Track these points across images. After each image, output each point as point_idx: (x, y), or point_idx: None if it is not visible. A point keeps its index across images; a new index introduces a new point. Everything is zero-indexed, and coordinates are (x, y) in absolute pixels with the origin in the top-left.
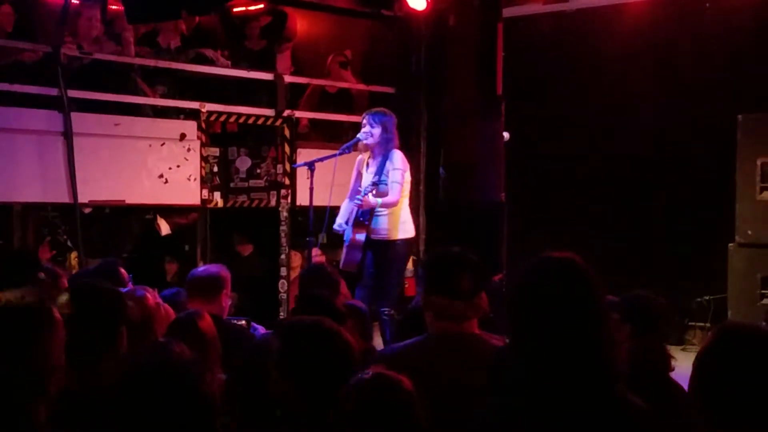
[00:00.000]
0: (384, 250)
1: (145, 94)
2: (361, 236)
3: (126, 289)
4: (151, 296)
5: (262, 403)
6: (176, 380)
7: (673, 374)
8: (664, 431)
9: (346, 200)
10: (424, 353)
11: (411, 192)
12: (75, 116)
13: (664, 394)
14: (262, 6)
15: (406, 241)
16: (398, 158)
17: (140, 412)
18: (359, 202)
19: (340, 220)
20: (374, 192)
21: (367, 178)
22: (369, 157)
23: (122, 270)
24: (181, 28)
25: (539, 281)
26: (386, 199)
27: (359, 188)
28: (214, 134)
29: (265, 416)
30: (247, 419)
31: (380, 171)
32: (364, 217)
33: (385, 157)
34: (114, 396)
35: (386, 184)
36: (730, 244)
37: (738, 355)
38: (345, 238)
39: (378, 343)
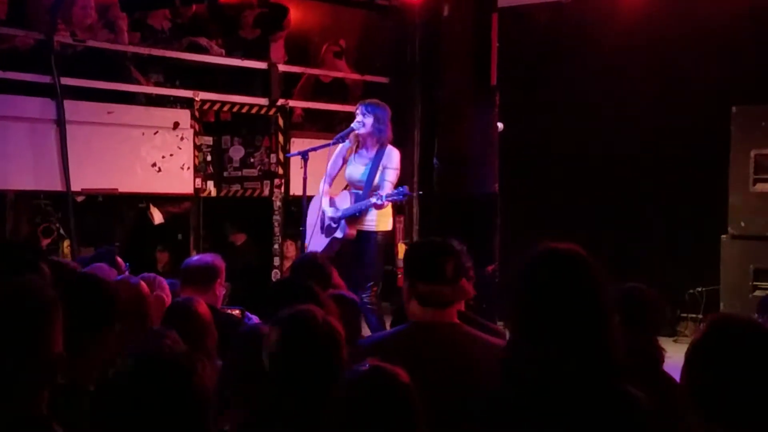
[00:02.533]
0: (365, 241)
1: (138, 83)
2: (354, 230)
3: (120, 277)
4: (147, 284)
5: (254, 395)
6: (168, 373)
7: (665, 366)
8: (656, 423)
9: (325, 186)
10: (405, 342)
11: (404, 183)
12: (68, 104)
13: (655, 386)
14: None
15: (386, 233)
16: (396, 158)
17: (130, 405)
18: (380, 203)
19: (330, 208)
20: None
21: (356, 168)
22: (357, 146)
23: (119, 258)
24: (168, 15)
25: (543, 272)
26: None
27: (362, 182)
28: (208, 123)
29: (256, 409)
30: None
31: (375, 166)
32: (361, 213)
33: (381, 152)
34: (104, 389)
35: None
36: (723, 236)
37: (729, 347)
38: (322, 226)
39: (366, 332)
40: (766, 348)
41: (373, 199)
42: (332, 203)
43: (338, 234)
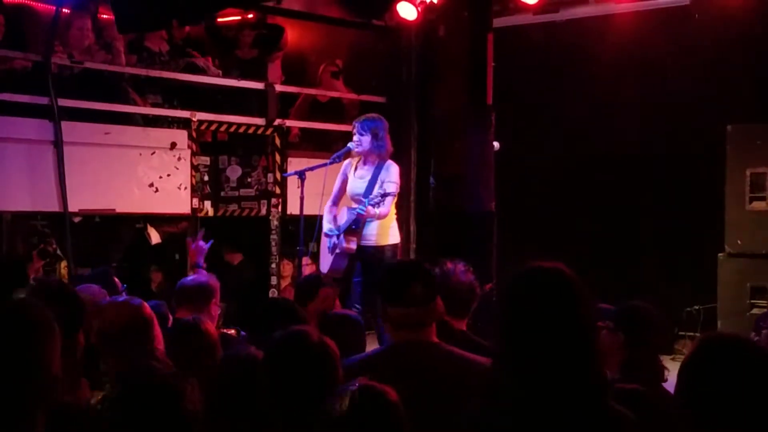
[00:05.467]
0: (373, 256)
1: (135, 104)
2: (353, 244)
3: (122, 298)
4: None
5: (245, 415)
6: (157, 397)
7: (664, 384)
8: None
9: (329, 204)
10: (384, 363)
11: (400, 201)
12: (65, 125)
13: (655, 403)
14: (252, 16)
15: (394, 246)
16: (395, 172)
17: (122, 429)
18: (362, 212)
19: (329, 224)
20: (382, 203)
21: (356, 183)
22: (358, 161)
23: (116, 279)
24: (165, 36)
25: (526, 291)
26: (380, 211)
27: (360, 196)
28: (205, 143)
29: (247, 427)
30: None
31: (374, 180)
32: (357, 225)
33: (380, 166)
34: (97, 413)
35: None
36: (720, 254)
37: (719, 365)
38: (329, 245)
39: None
40: (753, 364)
41: (357, 209)
42: (335, 221)
43: (338, 249)
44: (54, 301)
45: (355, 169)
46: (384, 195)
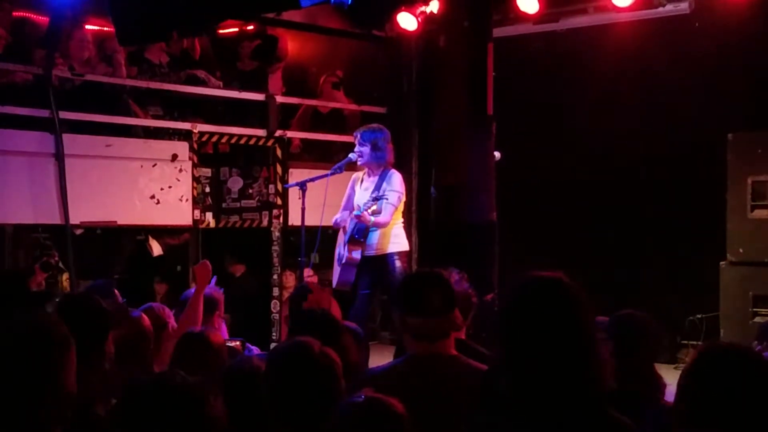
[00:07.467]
0: (381, 265)
1: (136, 116)
2: (357, 254)
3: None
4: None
5: (248, 426)
6: (180, 403)
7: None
8: None
9: (336, 216)
10: (403, 375)
11: (404, 212)
12: (67, 138)
13: (652, 412)
14: (252, 28)
15: (401, 253)
16: (396, 180)
17: None
18: (358, 213)
19: (339, 215)
20: (374, 208)
21: (362, 195)
22: (364, 174)
23: (116, 291)
24: (165, 47)
25: (527, 300)
26: (378, 219)
27: (357, 205)
28: (206, 155)
29: None
30: None
31: (377, 191)
32: (360, 234)
33: (382, 177)
34: (117, 418)
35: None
36: (722, 263)
37: (720, 374)
38: (338, 258)
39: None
40: (754, 373)
41: (354, 212)
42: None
43: (344, 260)
44: (81, 313)
45: (361, 181)
46: (376, 198)
